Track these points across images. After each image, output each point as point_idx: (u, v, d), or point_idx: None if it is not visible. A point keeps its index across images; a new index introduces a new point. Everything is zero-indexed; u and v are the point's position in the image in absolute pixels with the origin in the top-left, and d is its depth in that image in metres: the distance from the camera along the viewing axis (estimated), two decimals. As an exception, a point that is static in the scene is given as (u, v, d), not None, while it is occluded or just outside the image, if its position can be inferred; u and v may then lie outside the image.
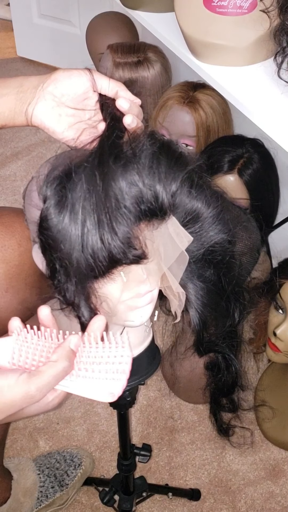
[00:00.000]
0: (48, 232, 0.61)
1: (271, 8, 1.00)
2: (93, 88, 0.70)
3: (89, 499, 1.30)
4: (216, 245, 0.68)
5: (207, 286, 0.72)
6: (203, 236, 0.68)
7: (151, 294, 0.68)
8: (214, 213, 0.67)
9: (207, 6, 1.08)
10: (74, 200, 0.59)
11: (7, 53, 3.02)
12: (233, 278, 0.74)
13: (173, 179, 0.61)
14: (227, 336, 0.82)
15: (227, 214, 0.69)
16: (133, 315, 0.68)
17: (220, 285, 0.73)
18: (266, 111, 1.02)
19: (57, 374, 0.58)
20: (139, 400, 1.48)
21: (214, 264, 0.71)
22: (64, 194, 0.60)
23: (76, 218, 0.59)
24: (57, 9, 2.64)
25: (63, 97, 0.70)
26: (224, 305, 0.75)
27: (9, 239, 0.93)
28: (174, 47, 1.26)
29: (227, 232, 0.69)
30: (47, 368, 0.57)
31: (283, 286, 1.23)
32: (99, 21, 1.94)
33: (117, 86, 0.71)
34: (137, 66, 1.64)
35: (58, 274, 0.63)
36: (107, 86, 0.70)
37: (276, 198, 1.44)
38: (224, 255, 0.70)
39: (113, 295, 0.65)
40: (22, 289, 0.93)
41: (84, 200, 0.59)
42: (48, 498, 1.25)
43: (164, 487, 1.31)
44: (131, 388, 0.83)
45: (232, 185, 1.33)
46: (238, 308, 0.78)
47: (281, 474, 1.36)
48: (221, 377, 0.87)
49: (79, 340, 0.61)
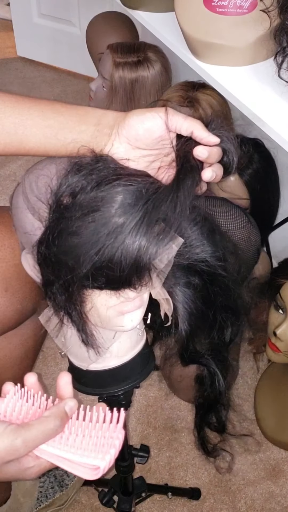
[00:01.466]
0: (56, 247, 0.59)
1: (271, 8, 1.00)
2: (168, 129, 0.65)
3: (89, 500, 1.30)
4: (202, 261, 0.67)
5: (194, 294, 0.71)
6: (187, 251, 0.66)
7: (141, 298, 0.67)
8: (200, 232, 0.66)
9: (207, 6, 1.08)
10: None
11: (7, 53, 3.02)
12: (222, 292, 0.72)
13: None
14: (215, 349, 0.79)
15: (217, 236, 0.68)
16: (123, 320, 0.68)
17: (207, 295, 0.71)
18: (266, 111, 1.02)
19: (46, 431, 0.56)
20: (138, 400, 1.48)
21: (199, 273, 0.69)
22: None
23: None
24: (57, 9, 2.64)
25: (137, 142, 0.65)
26: (211, 317, 0.73)
27: (8, 238, 0.92)
28: (174, 47, 1.26)
29: (214, 252, 0.67)
30: (37, 422, 0.56)
31: (283, 286, 1.23)
32: (99, 21, 1.94)
33: (193, 126, 0.65)
34: (137, 66, 1.64)
35: (52, 284, 0.62)
36: (182, 127, 0.65)
37: (276, 198, 1.44)
38: (211, 269, 0.68)
39: (102, 301, 0.65)
40: (21, 288, 0.93)
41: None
42: (48, 498, 1.25)
43: (164, 487, 1.30)
44: (126, 391, 0.83)
45: (232, 185, 1.33)
46: (228, 325, 0.75)
47: (281, 474, 1.36)
48: (204, 392, 0.84)
49: (76, 405, 0.59)
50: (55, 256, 0.59)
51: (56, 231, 0.59)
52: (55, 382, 1.65)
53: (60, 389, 0.62)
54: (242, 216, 1.22)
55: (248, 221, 1.22)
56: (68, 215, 0.59)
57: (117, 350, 0.77)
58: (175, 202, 0.59)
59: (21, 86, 2.77)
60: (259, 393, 1.46)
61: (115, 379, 0.80)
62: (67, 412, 0.58)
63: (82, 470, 0.57)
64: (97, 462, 0.56)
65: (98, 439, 0.58)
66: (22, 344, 1.02)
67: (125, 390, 0.81)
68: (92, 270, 0.58)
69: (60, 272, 0.60)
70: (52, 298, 0.63)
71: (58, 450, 0.57)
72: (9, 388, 0.60)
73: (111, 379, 0.80)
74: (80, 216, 0.58)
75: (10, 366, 1.02)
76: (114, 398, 0.83)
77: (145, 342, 0.82)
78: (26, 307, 0.95)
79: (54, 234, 0.59)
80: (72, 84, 2.74)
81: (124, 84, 1.65)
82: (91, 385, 0.81)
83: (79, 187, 0.59)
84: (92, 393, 0.82)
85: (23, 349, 1.03)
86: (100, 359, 0.76)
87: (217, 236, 0.68)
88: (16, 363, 1.03)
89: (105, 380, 0.80)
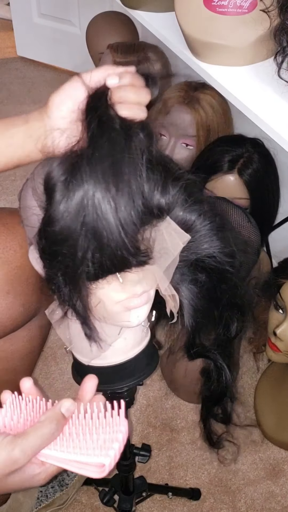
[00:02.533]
0: (52, 230, 0.59)
1: (271, 8, 1.00)
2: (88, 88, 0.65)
3: (89, 499, 1.30)
4: (210, 257, 0.68)
5: (200, 291, 0.72)
6: (195, 246, 0.67)
7: (148, 294, 0.68)
8: (210, 227, 0.66)
9: (207, 6, 1.08)
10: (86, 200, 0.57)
11: (7, 53, 3.02)
12: (229, 289, 0.72)
13: (172, 185, 0.61)
14: (221, 345, 0.81)
15: (227, 232, 0.68)
16: (130, 316, 0.68)
17: (214, 292, 0.72)
18: (266, 111, 1.02)
19: (43, 436, 0.54)
20: (139, 400, 1.48)
21: (206, 270, 0.70)
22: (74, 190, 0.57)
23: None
24: (57, 8, 2.64)
25: (73, 113, 0.66)
26: (217, 314, 0.74)
27: (10, 240, 0.92)
28: (174, 47, 1.26)
29: (223, 247, 0.67)
30: (33, 429, 0.54)
31: (283, 286, 1.23)
32: (99, 21, 1.94)
33: (106, 71, 0.65)
34: (137, 65, 1.64)
35: (56, 276, 0.62)
36: (98, 76, 0.65)
37: (276, 198, 1.44)
38: (219, 265, 0.69)
39: (109, 296, 0.65)
40: (24, 291, 0.93)
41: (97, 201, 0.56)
42: (48, 498, 1.25)
43: (164, 486, 1.31)
44: (130, 388, 0.83)
45: (232, 184, 1.33)
46: (234, 321, 0.76)
47: (281, 474, 1.36)
48: (211, 385, 0.85)
49: (73, 405, 0.58)
50: (49, 246, 0.60)
51: (44, 221, 0.59)
52: (55, 382, 1.66)
53: (83, 390, 0.62)
54: (242, 216, 1.22)
55: (248, 221, 1.22)
56: (49, 203, 0.59)
57: (122, 347, 0.77)
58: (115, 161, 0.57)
59: (21, 86, 2.77)
60: (259, 393, 1.46)
61: (119, 376, 0.80)
62: (64, 414, 0.57)
63: (89, 469, 0.56)
64: (101, 460, 0.55)
65: (101, 435, 0.57)
66: (28, 341, 1.02)
67: (129, 387, 0.82)
68: (84, 254, 0.58)
69: (57, 262, 0.60)
70: (56, 291, 0.64)
71: (62, 452, 0.56)
72: (7, 397, 0.60)
73: (116, 376, 0.80)
74: (59, 201, 0.57)
75: (14, 366, 1.02)
76: (117, 395, 0.83)
77: (150, 339, 0.83)
78: (29, 308, 0.95)
79: (43, 224, 0.60)
80: (72, 84, 2.74)
81: (124, 84, 1.65)
82: None
83: (56, 176, 0.59)
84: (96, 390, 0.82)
85: (28, 348, 1.03)
86: (104, 355, 0.76)
87: (227, 232, 0.69)
88: (20, 363, 1.03)
89: (109, 376, 0.80)
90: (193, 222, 0.65)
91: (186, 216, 0.65)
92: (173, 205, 0.62)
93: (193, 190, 0.64)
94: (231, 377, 0.83)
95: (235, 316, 0.76)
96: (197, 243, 0.67)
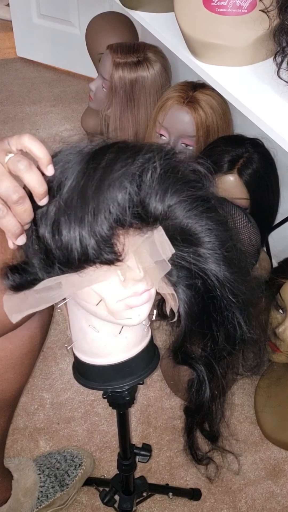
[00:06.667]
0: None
1: (271, 8, 1.00)
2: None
3: (90, 499, 1.30)
4: (213, 276, 0.66)
5: (193, 296, 0.71)
6: (198, 262, 0.66)
7: (149, 292, 0.68)
8: (216, 245, 0.64)
9: (207, 6, 1.08)
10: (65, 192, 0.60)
11: (6, 53, 3.02)
12: (220, 311, 0.71)
13: (174, 193, 0.61)
14: (207, 358, 0.78)
15: (236, 253, 0.67)
16: (131, 314, 0.68)
17: (205, 300, 0.71)
18: (266, 111, 1.02)
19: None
20: (139, 400, 1.49)
21: (204, 280, 0.68)
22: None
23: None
24: (57, 9, 2.64)
25: None
26: (205, 322, 0.72)
27: None
28: (174, 47, 1.26)
29: (229, 271, 0.66)
30: None
31: (283, 286, 1.23)
32: (99, 21, 1.94)
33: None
34: (137, 66, 1.65)
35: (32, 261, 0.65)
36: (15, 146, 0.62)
37: (276, 198, 1.44)
38: (220, 286, 0.67)
39: (110, 294, 0.65)
40: None
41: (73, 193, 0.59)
42: (49, 498, 1.25)
43: (165, 487, 1.31)
44: (131, 387, 0.83)
45: (232, 185, 1.33)
46: (224, 334, 0.73)
47: (282, 473, 1.36)
48: (190, 396, 0.83)
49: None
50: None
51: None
52: (55, 382, 1.66)
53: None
54: (242, 216, 1.22)
55: (248, 221, 1.22)
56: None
57: (123, 345, 0.77)
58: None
59: (21, 86, 2.77)
60: (259, 393, 1.46)
61: (120, 374, 0.80)
62: None
63: None
64: None
65: None
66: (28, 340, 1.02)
67: (130, 386, 0.82)
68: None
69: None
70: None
71: None
72: None
73: (116, 374, 0.80)
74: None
75: (13, 365, 1.02)
76: (118, 394, 0.83)
77: (150, 338, 0.83)
78: None
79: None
80: (71, 85, 2.75)
81: (123, 84, 1.66)
82: (96, 380, 0.81)
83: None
84: (97, 388, 0.82)
85: (28, 347, 1.03)
86: (105, 354, 0.76)
87: (236, 255, 0.67)
88: (20, 361, 1.03)
89: (110, 375, 0.80)
90: (194, 231, 0.64)
91: (187, 226, 0.63)
92: (171, 214, 0.62)
93: (203, 200, 0.63)
94: (209, 394, 0.80)
95: (225, 330, 0.73)
96: (204, 260, 0.65)
